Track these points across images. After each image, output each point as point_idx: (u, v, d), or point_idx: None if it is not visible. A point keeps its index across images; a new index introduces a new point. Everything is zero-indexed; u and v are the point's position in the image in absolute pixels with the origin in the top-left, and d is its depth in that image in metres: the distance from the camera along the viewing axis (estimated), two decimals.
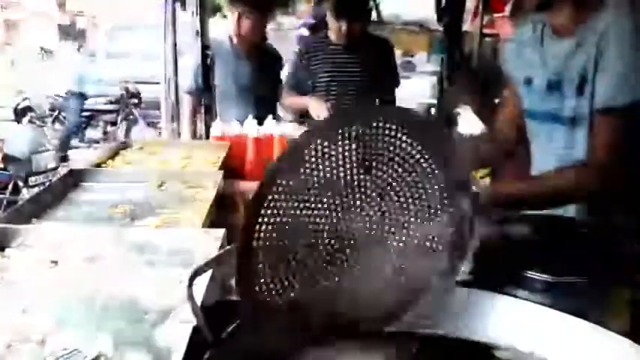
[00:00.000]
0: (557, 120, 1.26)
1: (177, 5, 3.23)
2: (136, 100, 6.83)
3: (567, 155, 1.22)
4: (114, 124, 6.71)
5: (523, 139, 1.41)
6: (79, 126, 6.43)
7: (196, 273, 0.64)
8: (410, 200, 0.73)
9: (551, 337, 0.72)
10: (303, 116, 2.99)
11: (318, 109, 2.56)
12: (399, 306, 0.76)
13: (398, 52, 3.49)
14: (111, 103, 6.73)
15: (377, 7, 5.74)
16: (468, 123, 2.75)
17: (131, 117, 6.82)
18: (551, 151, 1.27)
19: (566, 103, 1.23)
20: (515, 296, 0.82)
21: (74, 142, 6.29)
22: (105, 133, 6.64)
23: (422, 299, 0.76)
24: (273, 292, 0.66)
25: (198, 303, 0.63)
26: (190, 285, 0.61)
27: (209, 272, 0.74)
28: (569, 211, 1.26)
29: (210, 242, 0.99)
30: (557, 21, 1.27)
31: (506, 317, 0.75)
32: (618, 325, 0.80)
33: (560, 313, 0.73)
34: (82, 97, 6.40)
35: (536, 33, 1.36)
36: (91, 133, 6.67)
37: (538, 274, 0.94)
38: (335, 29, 2.66)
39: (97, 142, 6.23)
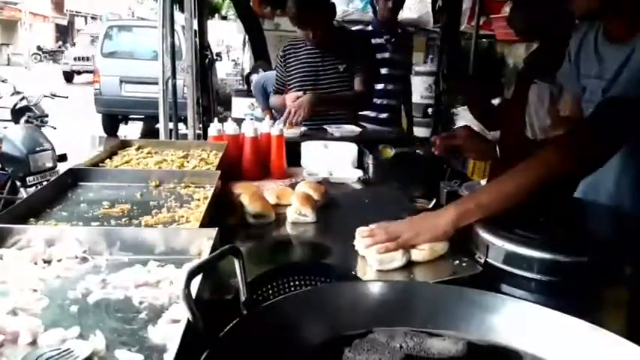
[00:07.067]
0: None
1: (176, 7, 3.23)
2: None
3: None
4: None
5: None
6: None
7: (192, 273, 0.63)
8: None
9: (551, 338, 0.71)
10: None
11: (290, 101, 2.60)
12: None
13: None
14: None
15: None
16: (466, 123, 2.76)
17: None
18: None
19: None
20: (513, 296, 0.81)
21: None
22: None
23: None
24: None
25: (194, 303, 0.62)
26: (187, 285, 0.61)
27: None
28: None
29: (203, 241, 0.98)
30: (613, 29, 1.27)
31: (507, 318, 0.75)
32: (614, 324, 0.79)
33: (561, 314, 0.72)
34: None
35: (589, 40, 1.35)
36: None
37: (531, 274, 0.93)
38: (303, 34, 2.70)
39: None
